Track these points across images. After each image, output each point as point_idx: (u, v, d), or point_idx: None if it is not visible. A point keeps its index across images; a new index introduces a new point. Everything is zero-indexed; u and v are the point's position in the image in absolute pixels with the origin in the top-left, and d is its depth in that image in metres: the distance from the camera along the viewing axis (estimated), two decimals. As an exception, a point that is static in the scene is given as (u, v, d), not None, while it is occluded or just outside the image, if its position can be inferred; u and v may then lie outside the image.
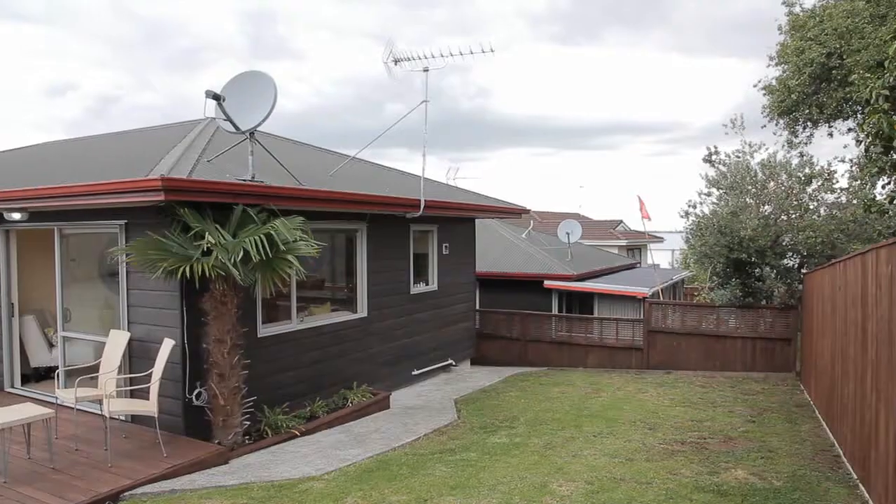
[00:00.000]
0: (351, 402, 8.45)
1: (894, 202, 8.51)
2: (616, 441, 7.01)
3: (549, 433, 7.46)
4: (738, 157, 13.81)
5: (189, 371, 6.67)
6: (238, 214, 6.62)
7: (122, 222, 6.96)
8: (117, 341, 6.90)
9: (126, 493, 5.39)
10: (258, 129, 7.07)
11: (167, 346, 6.41)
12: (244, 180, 6.73)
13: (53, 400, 6.91)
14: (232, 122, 6.98)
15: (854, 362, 5.82)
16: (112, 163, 8.69)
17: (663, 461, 6.18)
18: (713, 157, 14.03)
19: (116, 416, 6.77)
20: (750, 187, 13.23)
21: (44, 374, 8.67)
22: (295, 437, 7.21)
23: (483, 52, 9.16)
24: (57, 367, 7.64)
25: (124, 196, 6.12)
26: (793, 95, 13.51)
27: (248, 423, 6.93)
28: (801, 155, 14.27)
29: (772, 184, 13.17)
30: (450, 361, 11.80)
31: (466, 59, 9.31)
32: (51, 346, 8.61)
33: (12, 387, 8.47)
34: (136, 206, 6.48)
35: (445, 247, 11.51)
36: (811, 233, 12.30)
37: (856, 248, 10.08)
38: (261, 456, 6.59)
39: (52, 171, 9.03)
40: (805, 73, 12.95)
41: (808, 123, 14.73)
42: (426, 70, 9.35)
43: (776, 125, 15.03)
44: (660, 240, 30.19)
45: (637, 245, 29.64)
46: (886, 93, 6.70)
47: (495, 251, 16.82)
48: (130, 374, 6.90)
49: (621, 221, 31.59)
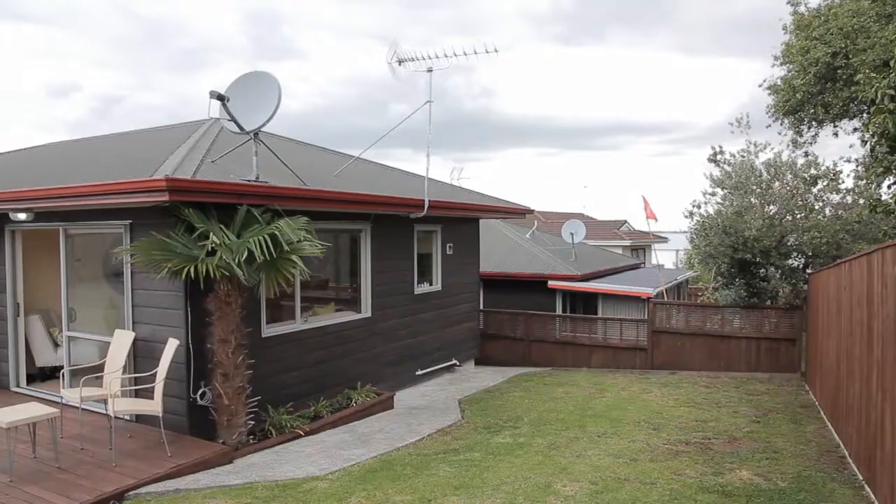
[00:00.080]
0: (355, 402, 8.45)
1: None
2: (620, 441, 7.00)
3: (553, 433, 7.45)
4: (743, 157, 13.78)
5: (193, 371, 6.68)
6: (242, 215, 6.64)
7: (127, 222, 6.98)
8: (122, 341, 6.92)
9: (131, 493, 5.40)
10: (262, 129, 7.09)
11: (172, 346, 6.42)
12: (248, 181, 6.74)
13: (59, 399, 6.93)
14: (236, 122, 7.00)
15: (860, 362, 5.80)
16: (116, 163, 8.72)
17: (668, 462, 6.17)
18: (718, 157, 14.00)
19: (121, 416, 6.79)
20: (755, 187, 13.19)
21: (49, 374, 8.71)
22: (299, 436, 7.22)
23: (487, 52, 9.16)
24: (62, 367, 7.66)
25: (129, 196, 6.14)
26: (798, 95, 13.47)
27: (253, 422, 6.95)
28: (807, 155, 14.26)
29: (777, 184, 13.12)
30: (454, 361, 11.79)
31: (470, 60, 9.33)
32: (56, 345, 8.64)
33: (18, 386, 8.50)
34: (140, 207, 6.50)
35: (449, 247, 11.50)
36: (816, 233, 12.25)
37: (861, 249, 10.04)
38: (265, 455, 6.60)
39: (57, 172, 9.06)
40: (810, 72, 12.93)
41: (814, 123, 14.70)
42: (430, 70, 9.35)
43: (781, 125, 15.01)
44: (664, 240, 30.17)
45: (641, 245, 29.61)
46: (892, 92, 6.67)
47: (499, 251, 16.80)
48: (135, 373, 6.92)
49: (625, 221, 31.57)
